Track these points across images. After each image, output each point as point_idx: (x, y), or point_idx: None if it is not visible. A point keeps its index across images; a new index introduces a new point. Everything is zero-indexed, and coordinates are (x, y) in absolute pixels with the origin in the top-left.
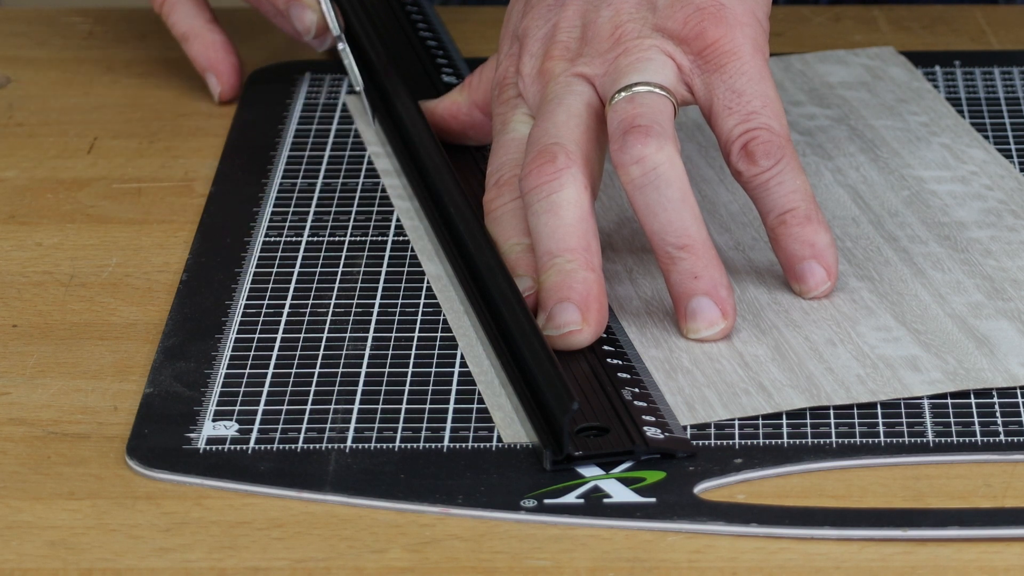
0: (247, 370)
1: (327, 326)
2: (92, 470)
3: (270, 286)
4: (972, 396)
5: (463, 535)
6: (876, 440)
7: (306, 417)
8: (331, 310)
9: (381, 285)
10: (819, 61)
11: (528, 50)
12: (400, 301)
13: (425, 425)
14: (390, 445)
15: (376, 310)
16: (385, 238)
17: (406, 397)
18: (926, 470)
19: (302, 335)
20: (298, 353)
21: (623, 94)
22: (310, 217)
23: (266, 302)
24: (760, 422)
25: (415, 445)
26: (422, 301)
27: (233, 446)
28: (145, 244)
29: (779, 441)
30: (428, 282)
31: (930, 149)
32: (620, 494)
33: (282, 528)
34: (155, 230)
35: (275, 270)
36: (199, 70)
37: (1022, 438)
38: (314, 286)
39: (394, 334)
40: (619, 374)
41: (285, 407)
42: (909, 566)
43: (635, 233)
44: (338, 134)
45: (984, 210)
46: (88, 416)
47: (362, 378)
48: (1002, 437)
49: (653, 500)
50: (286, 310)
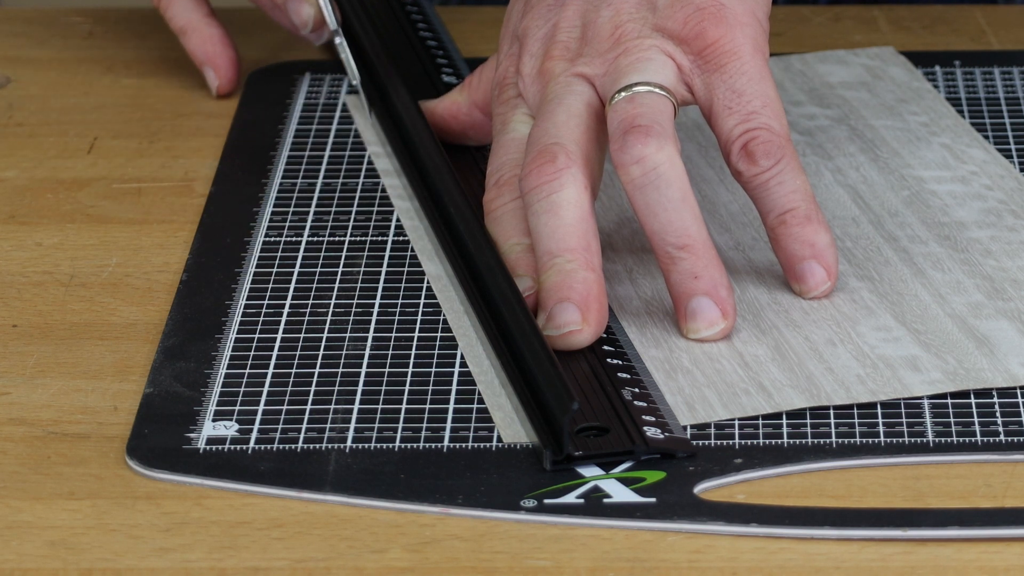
0: (247, 370)
1: (327, 326)
2: (92, 470)
3: (270, 286)
4: (972, 396)
5: (463, 535)
6: (876, 440)
7: (306, 417)
8: (331, 310)
9: (381, 285)
10: (819, 61)
11: (528, 50)
12: (400, 301)
13: (425, 425)
14: (390, 445)
15: (376, 310)
16: (385, 238)
17: (406, 397)
18: (926, 470)
19: (302, 335)
20: (298, 353)
21: (623, 94)
22: (310, 217)
23: (266, 302)
24: (760, 422)
25: (415, 445)
26: (422, 301)
27: (233, 446)
28: (145, 244)
29: (779, 441)
30: (428, 282)
31: (930, 149)
32: (620, 494)
33: (282, 528)
34: (155, 230)
35: (275, 270)
36: (197, 64)
37: (1022, 438)
38: (314, 286)
39: (394, 334)
40: (619, 374)
41: (285, 407)
42: (909, 566)
43: (635, 233)
44: (338, 134)
45: (984, 210)
46: (88, 416)
47: (362, 378)
48: (1002, 437)
49: (653, 500)
50: (286, 310)
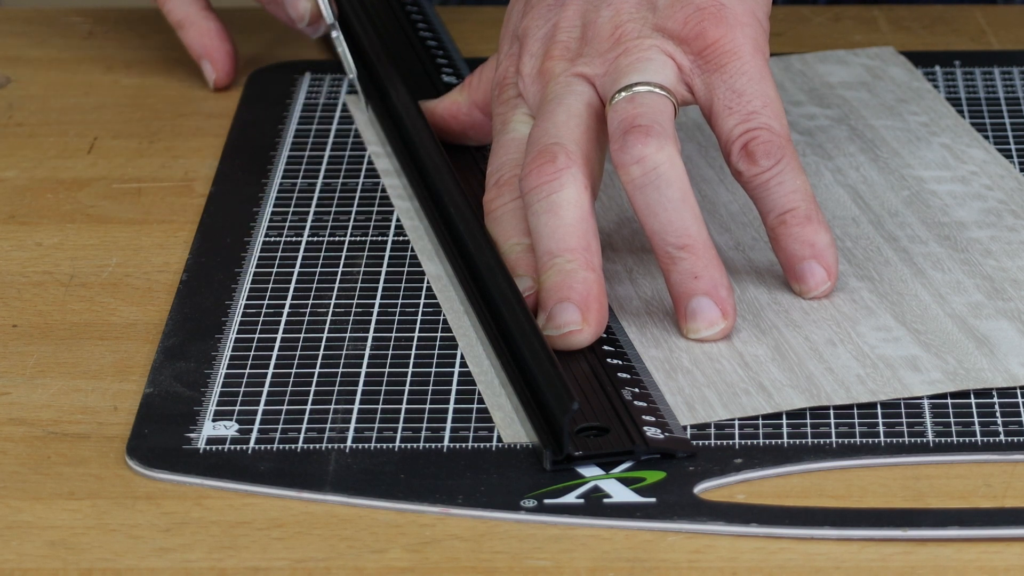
0: (247, 370)
1: (327, 326)
2: (92, 470)
3: (270, 286)
4: (972, 396)
5: (463, 535)
6: (876, 440)
7: (306, 417)
8: (331, 310)
9: (381, 285)
10: (819, 61)
11: (528, 50)
12: (400, 301)
13: (425, 425)
14: (390, 445)
15: (376, 310)
16: (385, 238)
17: (406, 397)
18: (926, 470)
19: (302, 335)
20: (298, 353)
21: (623, 94)
22: (310, 217)
23: (266, 302)
24: (760, 422)
25: (415, 445)
26: (422, 301)
27: (233, 446)
28: (145, 244)
29: (779, 441)
30: (428, 282)
31: (930, 149)
32: (620, 494)
33: (282, 528)
34: (155, 230)
35: (275, 270)
36: (194, 57)
37: (1022, 438)
38: (314, 286)
39: (394, 334)
40: (619, 374)
41: (285, 407)
42: (909, 566)
43: (635, 233)
44: (338, 134)
45: (984, 210)
46: (88, 416)
47: (362, 378)
48: (1002, 437)
49: (653, 500)
50: (286, 310)
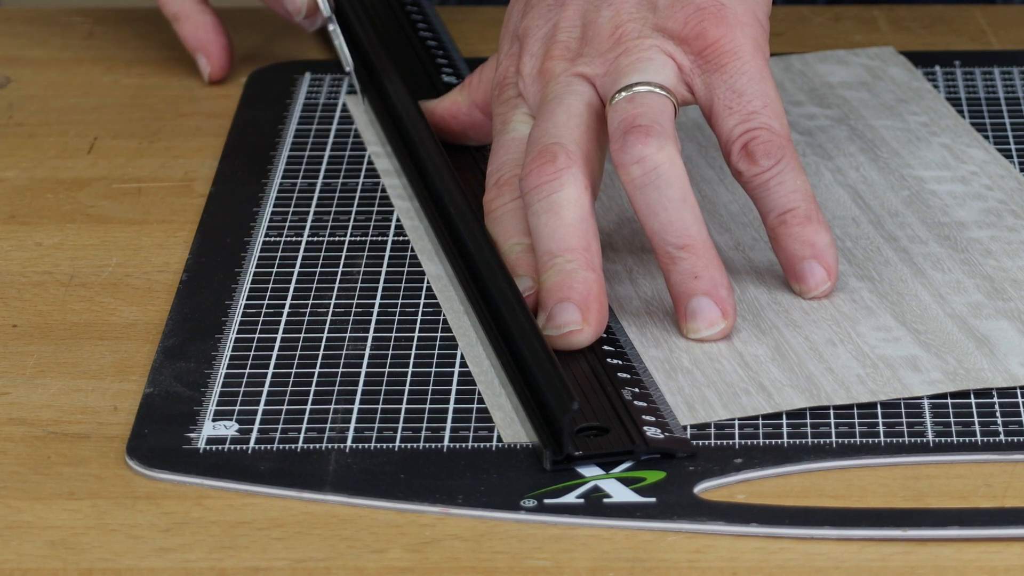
0: (247, 370)
1: (327, 326)
2: (92, 470)
3: (270, 286)
4: (972, 396)
5: (463, 535)
6: (876, 440)
7: (306, 417)
8: (331, 310)
9: (381, 285)
10: (819, 61)
11: (528, 50)
12: (400, 301)
13: (425, 425)
14: (390, 445)
15: (376, 310)
16: (385, 238)
17: (406, 397)
18: (926, 470)
19: (302, 335)
20: (298, 353)
21: (623, 94)
22: (310, 217)
23: (266, 302)
24: (760, 422)
25: (415, 445)
26: (422, 301)
27: (233, 446)
28: (145, 244)
29: (779, 441)
30: (428, 282)
31: (930, 149)
32: (620, 494)
33: (282, 528)
34: (155, 230)
35: (275, 270)
36: (190, 50)
37: (1022, 438)
38: (314, 286)
39: (394, 334)
40: (619, 374)
41: (285, 407)
42: (909, 566)
43: (635, 233)
44: (338, 134)
45: (984, 210)
46: (88, 416)
47: (362, 378)
48: (1002, 437)
49: (653, 500)
50: (286, 310)
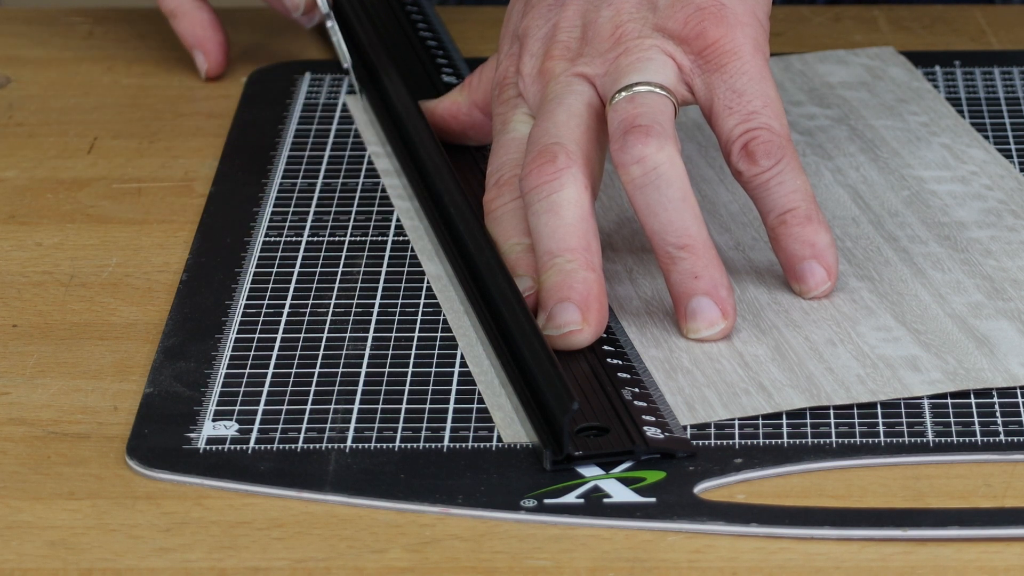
0: (247, 370)
1: (327, 326)
2: (92, 470)
3: (270, 286)
4: (972, 396)
5: (463, 535)
6: (876, 440)
7: (306, 417)
8: (331, 310)
9: (381, 285)
10: (819, 61)
11: (528, 50)
12: (400, 301)
13: (425, 425)
14: (390, 445)
15: (376, 310)
16: (385, 238)
17: (406, 397)
18: (926, 470)
19: (302, 335)
20: (298, 353)
21: (623, 94)
22: (310, 217)
23: (266, 302)
24: (760, 422)
25: (415, 445)
26: (422, 301)
27: (233, 446)
28: (145, 244)
29: (779, 441)
30: (428, 282)
31: (930, 149)
32: (620, 494)
33: (282, 528)
34: (155, 230)
35: (275, 270)
36: (187, 47)
37: (1022, 438)
38: (314, 286)
39: (394, 334)
40: (619, 374)
41: (285, 407)
42: (909, 566)
43: (635, 233)
44: (338, 134)
45: (984, 210)
46: (88, 416)
47: (362, 378)
48: (1002, 437)
49: (653, 500)
50: (286, 310)
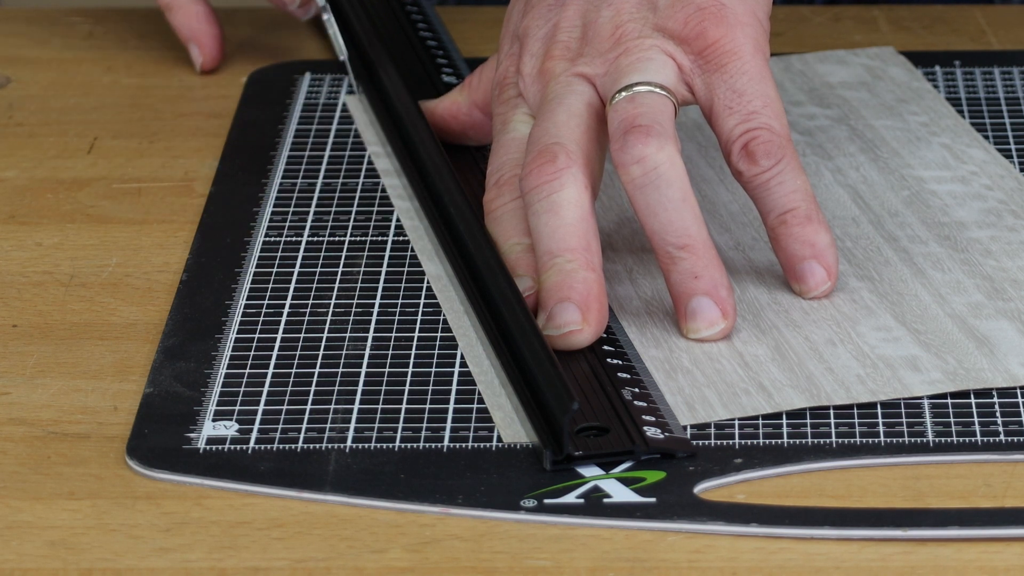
0: (247, 370)
1: (327, 326)
2: (92, 470)
3: (270, 286)
4: (972, 396)
5: (463, 535)
6: (876, 440)
7: (306, 417)
8: (331, 310)
9: (381, 285)
10: (819, 61)
11: (528, 50)
12: (400, 301)
13: (425, 425)
14: (390, 445)
15: (376, 310)
16: (385, 238)
17: (406, 397)
18: (926, 470)
19: (302, 335)
20: (298, 353)
21: (624, 94)
22: (310, 217)
23: (266, 302)
24: (760, 422)
25: (415, 445)
26: (422, 301)
27: (233, 446)
28: (145, 244)
29: (779, 441)
30: (428, 282)
31: (930, 149)
32: (620, 494)
33: (282, 528)
34: (155, 230)
35: (275, 270)
36: (182, 40)
37: (1022, 438)
38: (314, 286)
39: (394, 334)
40: (619, 374)
41: (285, 407)
42: (909, 566)
43: (635, 233)
44: (338, 134)
45: (984, 210)
46: (88, 416)
47: (362, 378)
48: (1002, 437)
49: (653, 500)
50: (286, 310)
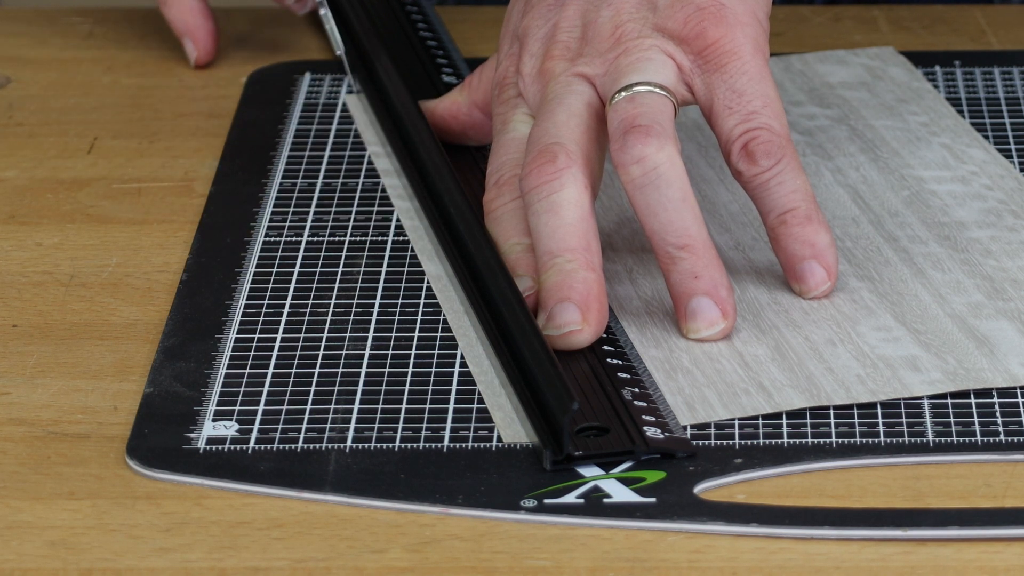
0: (247, 370)
1: (327, 326)
2: (92, 470)
3: (270, 286)
4: (972, 396)
5: (463, 535)
6: (876, 440)
7: (306, 417)
8: (331, 310)
9: (381, 285)
10: (819, 61)
11: (528, 50)
12: (400, 301)
13: (425, 425)
14: (390, 445)
15: (376, 310)
16: (385, 238)
17: (406, 397)
18: (926, 470)
19: (302, 335)
20: (298, 353)
21: (623, 94)
22: (310, 217)
23: (266, 302)
24: (760, 422)
25: (415, 445)
26: (422, 301)
27: (233, 446)
28: (145, 244)
29: (779, 441)
30: (428, 282)
31: (930, 149)
32: (620, 494)
33: (282, 528)
34: (155, 230)
35: (275, 270)
36: (177, 35)
37: (1022, 438)
38: (314, 286)
39: (394, 334)
40: (619, 374)
41: (285, 407)
42: (909, 566)
43: (635, 233)
44: (338, 134)
45: (984, 210)
46: (88, 416)
47: (362, 378)
48: (1002, 437)
49: (653, 500)
50: (286, 310)
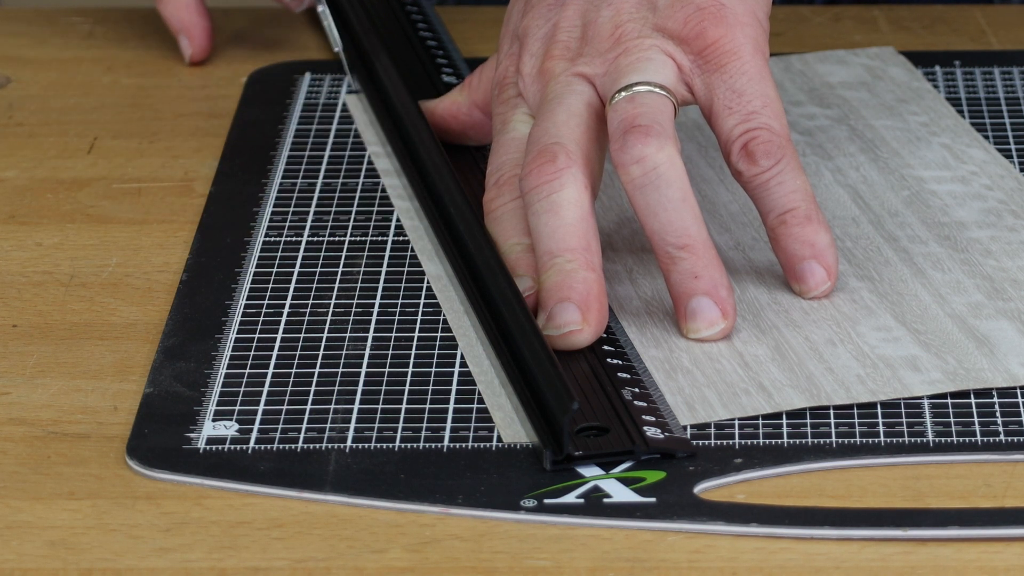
0: (247, 370)
1: (327, 326)
2: (92, 470)
3: (270, 286)
4: (972, 396)
5: (463, 535)
6: (876, 440)
7: (306, 417)
8: (331, 310)
9: (381, 285)
10: (819, 61)
11: (528, 50)
12: (400, 301)
13: (425, 425)
14: (390, 445)
15: (376, 310)
16: (385, 238)
17: (406, 397)
18: (926, 470)
19: (302, 335)
20: (298, 353)
21: (623, 94)
22: (310, 217)
23: (266, 302)
24: (760, 422)
25: (415, 445)
26: (422, 301)
27: (233, 446)
28: (145, 244)
29: (779, 441)
30: (428, 282)
31: (930, 149)
32: (620, 494)
33: (282, 528)
34: (155, 230)
35: (275, 270)
36: (172, 31)
37: (1022, 438)
38: (314, 286)
39: (394, 334)
40: (619, 374)
41: (285, 407)
42: (909, 566)
43: (635, 233)
44: (338, 134)
45: (984, 210)
46: (88, 416)
47: (362, 378)
48: (1002, 437)
49: (653, 500)
50: (286, 310)
